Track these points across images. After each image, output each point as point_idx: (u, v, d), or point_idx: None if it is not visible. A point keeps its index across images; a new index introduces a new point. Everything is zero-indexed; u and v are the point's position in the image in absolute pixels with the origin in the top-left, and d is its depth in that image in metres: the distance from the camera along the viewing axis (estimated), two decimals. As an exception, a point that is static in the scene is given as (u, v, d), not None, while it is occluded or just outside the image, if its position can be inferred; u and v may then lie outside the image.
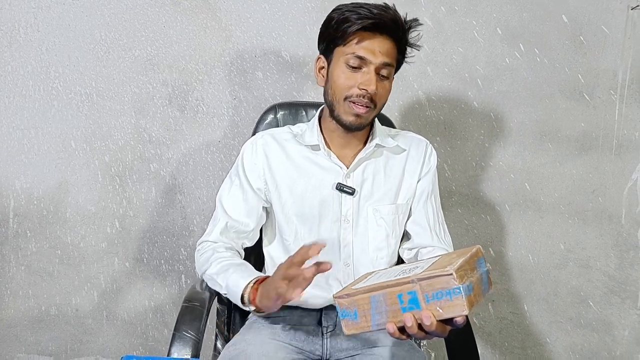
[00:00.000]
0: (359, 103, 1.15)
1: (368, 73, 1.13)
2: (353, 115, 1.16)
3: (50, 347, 1.84)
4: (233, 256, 1.20)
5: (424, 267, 0.88)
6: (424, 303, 0.82)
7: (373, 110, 1.17)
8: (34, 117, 1.73)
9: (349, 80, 1.14)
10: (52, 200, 1.77)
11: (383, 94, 1.17)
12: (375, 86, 1.13)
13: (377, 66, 1.14)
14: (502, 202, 1.80)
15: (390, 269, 0.98)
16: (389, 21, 1.12)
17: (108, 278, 1.81)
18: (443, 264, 0.84)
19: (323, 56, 1.21)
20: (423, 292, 0.82)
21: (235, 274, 1.12)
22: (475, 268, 0.87)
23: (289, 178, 1.23)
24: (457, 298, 0.80)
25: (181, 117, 1.75)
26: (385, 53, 1.14)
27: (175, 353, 1.04)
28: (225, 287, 1.13)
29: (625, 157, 1.77)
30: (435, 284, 0.81)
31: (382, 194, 1.24)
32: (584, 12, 1.72)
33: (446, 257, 0.92)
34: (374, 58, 1.13)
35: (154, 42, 1.71)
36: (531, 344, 1.87)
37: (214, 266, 1.17)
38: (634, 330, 1.85)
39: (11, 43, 1.70)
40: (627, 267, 1.82)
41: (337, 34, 1.14)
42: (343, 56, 1.15)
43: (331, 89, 1.18)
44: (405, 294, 0.83)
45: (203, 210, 1.78)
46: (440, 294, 0.81)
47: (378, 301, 0.86)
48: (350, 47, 1.14)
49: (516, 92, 1.75)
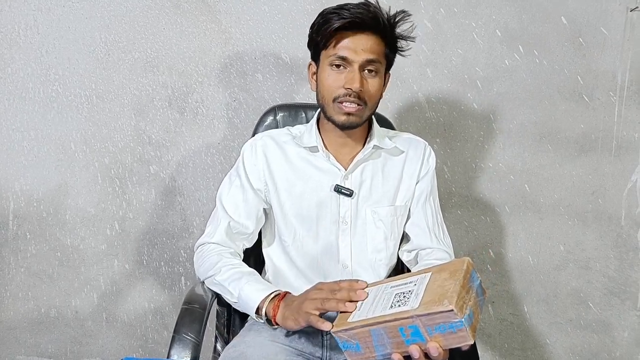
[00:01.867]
0: (347, 102, 1.15)
1: (352, 72, 1.14)
2: (344, 115, 1.16)
3: (49, 349, 1.84)
4: (242, 264, 1.20)
5: (418, 292, 0.86)
6: (427, 335, 0.82)
7: (365, 109, 1.17)
8: (34, 119, 1.73)
9: (335, 81, 1.15)
10: (52, 202, 1.77)
11: (372, 91, 1.17)
12: (360, 84, 1.13)
13: (361, 64, 1.14)
14: (501, 203, 1.80)
15: (382, 286, 0.96)
16: (369, 19, 1.13)
17: (108, 280, 1.81)
18: (439, 293, 0.82)
19: (313, 62, 1.23)
20: (425, 325, 0.81)
21: (249, 286, 1.12)
22: (470, 287, 0.85)
23: (287, 180, 1.23)
24: (460, 330, 0.80)
25: (181, 119, 1.75)
26: (368, 50, 1.14)
27: (175, 355, 1.04)
28: (237, 297, 1.13)
29: (625, 159, 1.77)
30: (436, 319, 0.80)
31: (380, 195, 1.24)
32: (583, 14, 1.72)
33: (438, 276, 0.89)
34: (356, 56, 1.13)
35: (154, 44, 1.71)
36: (531, 345, 1.87)
37: (223, 273, 1.16)
38: (633, 331, 1.85)
39: (11, 45, 1.70)
40: (627, 268, 1.82)
41: (320, 38, 1.16)
42: (327, 58, 1.16)
43: (320, 93, 1.19)
44: (406, 328, 0.83)
45: (203, 212, 1.78)
46: (442, 327, 0.80)
47: (379, 334, 0.85)
48: (332, 48, 1.15)
49: (515, 94, 1.75)
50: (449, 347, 0.82)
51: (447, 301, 0.79)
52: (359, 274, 1.22)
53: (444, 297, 0.81)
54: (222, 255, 1.21)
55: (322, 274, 1.23)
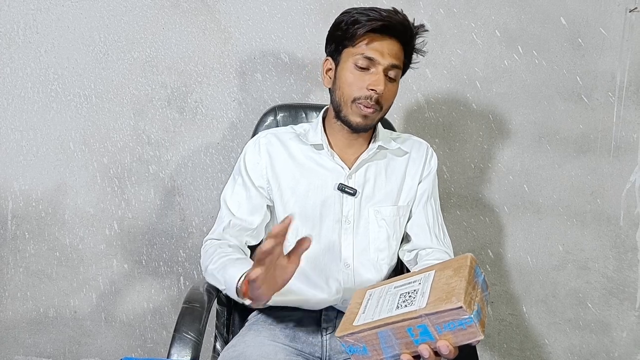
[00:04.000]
0: (367, 104, 1.16)
1: (377, 74, 1.14)
2: (360, 117, 1.17)
3: (48, 349, 1.84)
4: (234, 252, 1.18)
5: (424, 290, 0.85)
6: (436, 334, 0.81)
7: (379, 112, 1.19)
8: (33, 119, 1.73)
9: (357, 80, 1.15)
10: (51, 202, 1.76)
11: (390, 96, 1.19)
12: (384, 87, 1.14)
13: (386, 67, 1.15)
14: (500, 203, 1.80)
15: (385, 287, 0.95)
16: (398, 24, 1.14)
17: (107, 280, 1.81)
18: (446, 291, 0.82)
19: (330, 58, 1.22)
20: (433, 324, 0.81)
21: (232, 268, 1.09)
22: (476, 283, 0.85)
23: (291, 177, 1.23)
24: (470, 326, 0.79)
25: (180, 119, 1.75)
26: (393, 55, 1.15)
27: (176, 354, 1.03)
28: (223, 282, 1.11)
29: (624, 159, 1.78)
30: (445, 316, 0.79)
31: (383, 195, 1.24)
32: (582, 15, 1.72)
33: (442, 274, 0.88)
34: (383, 59, 1.14)
35: (153, 44, 1.71)
36: (530, 345, 1.87)
37: (214, 262, 1.15)
38: (632, 331, 1.85)
39: (10, 45, 1.70)
40: (626, 268, 1.82)
41: (347, 36, 1.16)
42: (352, 57, 1.16)
43: (339, 90, 1.19)
44: (415, 328, 0.82)
45: (202, 212, 1.78)
46: (452, 325, 0.80)
47: (387, 336, 0.84)
48: (359, 48, 1.15)
49: (515, 94, 1.76)
50: (459, 344, 0.81)
51: (455, 298, 0.79)
52: (361, 273, 1.23)
53: (451, 295, 0.80)
54: (219, 246, 1.20)
55: (324, 272, 1.22)
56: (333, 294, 1.22)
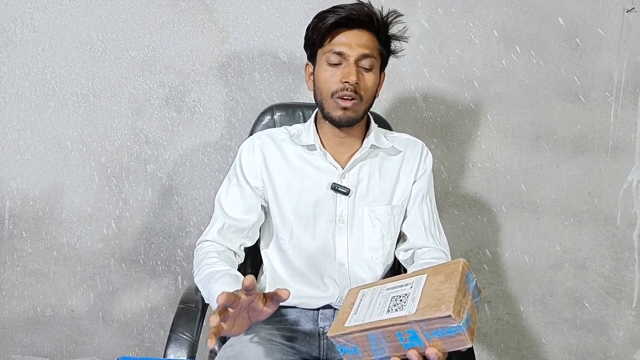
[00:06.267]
0: (344, 97, 1.16)
1: (348, 66, 1.16)
2: (341, 110, 1.18)
3: (45, 348, 1.84)
4: (219, 261, 1.16)
5: (415, 295, 0.86)
6: (425, 340, 0.82)
7: (360, 103, 1.18)
8: (30, 118, 1.73)
9: (332, 76, 1.17)
10: (48, 201, 1.76)
11: (368, 85, 1.19)
12: (356, 77, 1.15)
13: (356, 58, 1.16)
14: (498, 203, 1.81)
15: (378, 288, 0.96)
16: (363, 15, 1.16)
17: (104, 279, 1.81)
18: (436, 298, 0.82)
19: (310, 62, 1.25)
20: (423, 330, 0.81)
21: (215, 283, 1.07)
22: (467, 290, 0.85)
23: (285, 178, 1.24)
24: (459, 334, 0.79)
25: (178, 118, 1.74)
26: (362, 45, 1.16)
27: (172, 354, 1.04)
28: (207, 297, 1.11)
29: (621, 159, 1.78)
30: (434, 324, 0.80)
31: (377, 194, 1.25)
32: (580, 15, 1.72)
33: (434, 279, 0.88)
34: (351, 51, 1.15)
35: (151, 43, 1.71)
36: (527, 344, 1.88)
37: (200, 272, 1.15)
38: (628, 331, 1.85)
39: (7, 43, 1.69)
40: (623, 268, 1.83)
41: (316, 36, 1.18)
42: (324, 55, 1.18)
43: (318, 89, 1.21)
44: (404, 332, 0.82)
45: (200, 211, 1.78)
46: (440, 332, 0.80)
47: (377, 338, 0.85)
48: (328, 45, 1.17)
49: (512, 94, 1.76)
50: (448, 351, 0.82)
51: (444, 306, 0.79)
52: (356, 272, 1.23)
53: (441, 302, 0.80)
54: (207, 255, 1.18)
55: (319, 272, 1.23)
56: (329, 292, 1.22)
